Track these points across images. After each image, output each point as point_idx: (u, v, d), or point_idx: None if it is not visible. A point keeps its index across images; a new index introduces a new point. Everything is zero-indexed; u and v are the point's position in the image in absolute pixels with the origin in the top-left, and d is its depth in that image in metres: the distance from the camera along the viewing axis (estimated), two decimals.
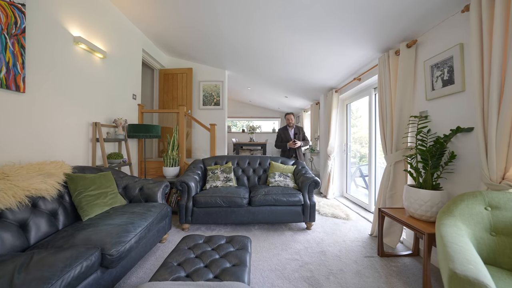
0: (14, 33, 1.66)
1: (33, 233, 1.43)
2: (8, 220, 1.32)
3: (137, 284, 1.63)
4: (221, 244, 1.58)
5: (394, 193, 2.33)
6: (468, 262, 0.89)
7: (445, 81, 1.87)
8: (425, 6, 1.80)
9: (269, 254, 2.07)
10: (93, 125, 2.51)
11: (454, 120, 1.81)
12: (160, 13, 2.83)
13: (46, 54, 1.96)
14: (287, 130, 3.83)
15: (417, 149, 1.92)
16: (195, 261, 1.35)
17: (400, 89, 2.27)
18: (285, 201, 2.57)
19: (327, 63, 3.35)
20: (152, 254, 2.03)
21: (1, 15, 1.57)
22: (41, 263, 1.04)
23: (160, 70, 4.46)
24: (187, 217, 2.53)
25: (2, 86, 1.59)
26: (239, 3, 2.30)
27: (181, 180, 2.54)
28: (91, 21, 2.47)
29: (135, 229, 1.57)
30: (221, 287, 1.05)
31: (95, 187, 1.89)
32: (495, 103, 1.36)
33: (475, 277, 0.81)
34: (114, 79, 2.88)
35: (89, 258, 1.18)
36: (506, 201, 1.25)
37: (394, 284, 1.68)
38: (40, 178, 1.56)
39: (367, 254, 2.10)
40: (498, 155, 1.35)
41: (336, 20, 2.27)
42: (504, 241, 1.19)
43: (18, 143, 1.74)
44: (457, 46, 1.74)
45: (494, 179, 1.38)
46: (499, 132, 1.34)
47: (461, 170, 1.75)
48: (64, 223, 1.65)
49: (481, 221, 1.26)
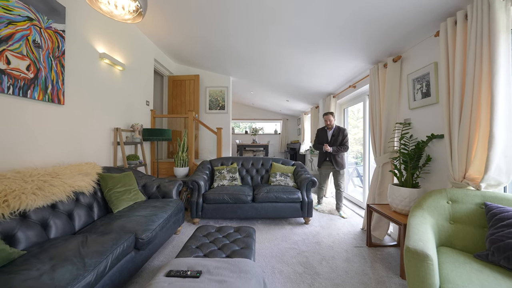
0: (57, 56, 1.98)
1: (77, 221, 1.74)
2: (60, 210, 1.64)
3: (160, 266, 1.93)
4: (230, 232, 1.88)
5: (382, 191, 2.61)
6: (420, 240, 1.18)
7: (424, 93, 2.15)
8: (404, 29, 2.09)
9: (270, 244, 2.37)
10: (114, 130, 2.84)
11: (430, 128, 2.09)
12: (172, 26, 3.13)
13: (78, 70, 2.28)
14: (325, 132, 3.47)
15: (400, 152, 2.21)
16: (209, 245, 1.65)
17: (388, 98, 2.55)
18: (285, 198, 2.86)
19: (324, 72, 3.64)
20: (169, 243, 2.34)
21: (48, 42, 1.89)
22: (96, 241, 1.36)
23: (169, 76, 4.79)
24: (197, 212, 2.84)
25: (49, 100, 1.91)
26: (243, 22, 2.60)
27: (192, 179, 2.86)
28: (113, 38, 2.80)
29: (158, 220, 1.88)
30: (234, 262, 1.35)
31: (121, 185, 2.21)
32: (457, 115, 1.64)
33: (421, 249, 1.10)
34: (130, 88, 3.21)
35: (127, 240, 1.49)
36: (463, 196, 1.54)
37: (377, 267, 1.96)
38: (80, 177, 1.88)
39: (356, 245, 2.39)
40: (459, 159, 1.64)
41: (329, 39, 2.56)
42: (458, 227, 1.47)
43: (59, 147, 2.06)
44: (432, 64, 2.02)
45: (457, 178, 1.66)
46: (460, 139, 1.62)
47: (435, 171, 2.04)
48: (98, 214, 1.97)
49: (443, 212, 1.55)
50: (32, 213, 1.45)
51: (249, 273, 1.24)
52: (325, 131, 3.47)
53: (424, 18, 1.91)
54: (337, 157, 3.30)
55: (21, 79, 1.68)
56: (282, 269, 1.92)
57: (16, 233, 1.32)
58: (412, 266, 1.11)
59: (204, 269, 1.26)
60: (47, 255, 1.19)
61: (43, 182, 1.56)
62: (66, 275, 1.05)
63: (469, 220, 1.46)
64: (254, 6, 2.22)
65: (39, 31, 1.82)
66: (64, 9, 2.05)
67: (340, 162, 3.31)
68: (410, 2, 1.75)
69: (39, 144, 1.88)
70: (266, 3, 2.14)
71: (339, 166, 3.30)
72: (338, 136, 3.32)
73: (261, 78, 4.80)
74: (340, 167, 3.30)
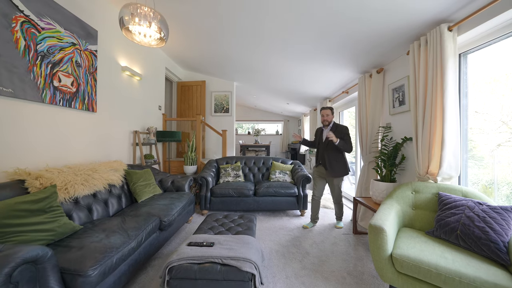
0: (91, 72, 2.39)
1: (111, 208, 2.15)
2: (99, 198, 2.05)
3: (176, 248, 2.33)
4: (235, 218, 2.27)
5: (368, 186, 2.97)
6: (380, 219, 1.55)
7: (400, 102, 2.51)
8: (385, 48, 2.46)
9: (269, 232, 2.75)
10: (133, 133, 3.25)
11: (405, 131, 2.45)
12: (182, 39, 3.52)
13: (106, 82, 2.69)
14: (321, 131, 2.83)
15: (380, 152, 2.57)
16: (219, 227, 2.04)
17: (372, 105, 2.91)
18: (283, 192, 3.24)
19: (320, 79, 4.00)
20: (182, 230, 2.74)
21: (86, 61, 2.30)
22: (132, 221, 1.76)
23: (178, 82, 5.20)
24: (206, 205, 3.24)
25: (85, 109, 2.32)
26: (246, 38, 2.98)
27: (201, 175, 3.25)
28: (132, 53, 3.21)
29: (176, 207, 2.28)
30: (239, 237, 1.74)
31: (143, 180, 2.61)
32: (421, 121, 2.01)
33: (379, 225, 1.47)
34: (146, 95, 3.62)
35: (154, 221, 1.89)
36: (424, 187, 1.90)
37: (359, 249, 2.33)
38: (112, 172, 2.29)
39: (344, 232, 2.76)
40: (423, 157, 2.00)
41: (321, 53, 2.94)
42: (418, 212, 1.83)
43: (92, 147, 2.48)
44: (406, 78, 2.38)
45: (421, 173, 2.02)
46: (423, 141, 1.98)
47: (408, 168, 2.40)
48: (126, 204, 2.37)
49: (407, 201, 1.91)
50: (81, 200, 1.86)
51: (251, 244, 1.63)
52: (321, 130, 2.83)
53: (399, 40, 2.27)
54: (333, 160, 2.58)
55: (67, 93, 2.09)
56: (278, 250, 2.30)
57: (72, 214, 1.72)
58: (372, 237, 1.48)
59: (216, 241, 1.65)
60: (99, 228, 1.59)
61: (87, 175, 1.96)
62: (118, 240, 1.45)
63: (426, 206, 1.82)
64: (256, 26, 2.61)
65: (79, 53, 2.23)
66: (96, 32, 2.46)
67: (336, 167, 2.57)
68: (388, 27, 2.12)
69: (79, 145, 2.30)
70: (266, 24, 2.52)
71: (334, 172, 2.55)
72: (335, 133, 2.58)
73: (263, 84, 5.18)
74: (335, 174, 2.57)
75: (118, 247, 1.40)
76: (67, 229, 1.49)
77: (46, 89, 1.88)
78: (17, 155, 1.72)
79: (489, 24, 1.64)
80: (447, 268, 1.22)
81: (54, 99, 1.96)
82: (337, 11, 2.04)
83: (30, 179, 1.53)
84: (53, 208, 1.48)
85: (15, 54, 1.63)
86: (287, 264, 2.04)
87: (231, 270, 1.39)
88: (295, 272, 1.91)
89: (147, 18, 1.78)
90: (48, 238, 1.36)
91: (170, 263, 1.43)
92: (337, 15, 2.09)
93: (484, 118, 2.01)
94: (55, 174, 1.70)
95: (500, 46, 1.77)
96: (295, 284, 1.75)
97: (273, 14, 2.29)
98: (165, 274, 1.41)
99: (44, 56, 1.86)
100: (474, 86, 2.01)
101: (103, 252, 1.30)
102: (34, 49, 1.77)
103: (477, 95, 2.00)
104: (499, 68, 1.90)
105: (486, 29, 1.70)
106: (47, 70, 1.89)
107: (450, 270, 1.21)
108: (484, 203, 1.49)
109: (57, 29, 1.96)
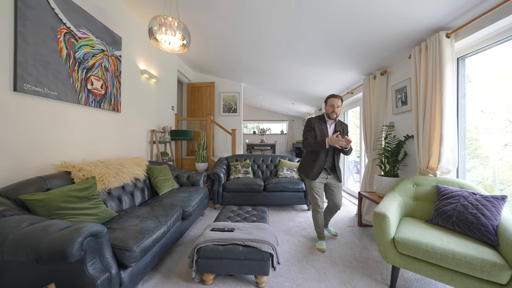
0: (116, 75, 2.61)
1: (136, 199, 2.36)
2: (127, 190, 2.26)
3: (194, 237, 2.53)
4: (248, 210, 2.46)
5: (372, 181, 3.14)
6: (384, 207, 1.73)
7: (403, 102, 2.68)
8: (388, 52, 2.63)
9: (279, 223, 2.94)
10: (151, 132, 3.46)
11: (407, 130, 2.62)
12: (194, 43, 3.73)
13: (128, 84, 2.91)
14: (324, 124, 2.25)
15: (384, 149, 2.74)
16: (235, 217, 2.24)
17: (377, 105, 3.08)
18: (291, 188, 3.42)
19: (325, 80, 4.18)
20: (198, 222, 2.94)
21: (112, 66, 2.52)
22: (159, 208, 1.96)
23: (188, 83, 5.42)
24: (218, 199, 3.44)
25: (112, 109, 2.54)
26: (254, 43, 3.18)
27: (213, 172, 3.46)
28: (150, 56, 3.42)
29: (195, 199, 2.48)
30: (256, 224, 1.93)
31: (162, 175, 2.82)
32: (422, 120, 2.17)
33: (382, 212, 1.65)
34: (161, 96, 3.84)
35: (178, 210, 2.09)
36: (424, 181, 2.07)
37: (364, 239, 2.51)
38: (136, 167, 2.50)
39: (350, 225, 2.93)
40: (423, 153, 2.16)
41: (328, 56, 3.11)
42: (419, 203, 2.01)
43: (117, 144, 2.70)
44: (408, 80, 2.55)
45: (422, 168, 2.19)
46: (424, 138, 2.15)
47: (410, 163, 2.57)
48: (148, 196, 2.59)
49: (409, 193, 2.08)
50: (113, 191, 2.07)
51: (267, 229, 1.82)
52: (324, 123, 2.25)
53: (401, 45, 2.44)
54: (336, 164, 2.26)
55: (98, 95, 2.31)
56: (289, 239, 2.49)
57: (107, 203, 1.94)
58: (376, 223, 1.66)
59: (235, 228, 1.84)
60: (133, 215, 1.80)
61: (117, 169, 2.17)
62: (151, 225, 1.65)
63: (426, 197, 1.99)
64: (265, 33, 2.80)
65: (107, 58, 2.44)
66: (120, 39, 2.67)
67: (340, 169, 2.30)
68: (391, 35, 2.29)
69: (107, 142, 2.52)
70: (275, 32, 2.71)
71: (340, 176, 2.29)
72: (343, 133, 2.29)
73: (269, 85, 5.37)
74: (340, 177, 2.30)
75: (152, 230, 1.60)
76: (107, 215, 1.70)
77: (81, 92, 2.10)
78: (60, 150, 1.94)
79: (485, 31, 1.80)
80: (442, 247, 1.40)
81: (88, 101, 2.18)
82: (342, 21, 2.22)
83: (74, 171, 1.75)
84: (94, 196, 1.69)
85: (60, 61, 1.85)
86: (298, 250, 2.22)
87: (252, 251, 1.59)
88: (306, 257, 2.10)
89: (173, 27, 1.99)
90: (94, 221, 1.57)
91: (198, 244, 1.63)
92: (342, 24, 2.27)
93: (491, 118, 2.03)
94: (92, 167, 1.91)
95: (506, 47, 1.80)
96: (306, 267, 1.93)
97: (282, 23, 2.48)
98: (193, 254, 1.61)
99: (80, 63, 2.08)
100: (480, 86, 2.03)
101: (142, 233, 1.50)
102: (73, 56, 1.99)
103: (483, 94, 2.01)
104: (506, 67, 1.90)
105: (483, 35, 1.86)
106: (83, 74, 2.11)
107: (445, 249, 1.38)
108: (477, 193, 1.66)
109: (90, 37, 2.18)
